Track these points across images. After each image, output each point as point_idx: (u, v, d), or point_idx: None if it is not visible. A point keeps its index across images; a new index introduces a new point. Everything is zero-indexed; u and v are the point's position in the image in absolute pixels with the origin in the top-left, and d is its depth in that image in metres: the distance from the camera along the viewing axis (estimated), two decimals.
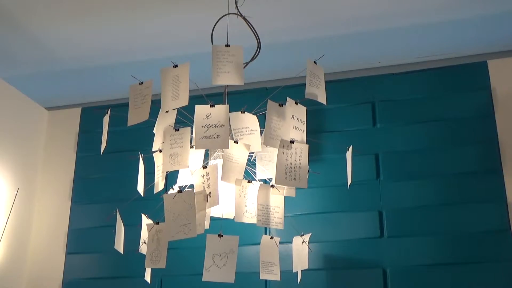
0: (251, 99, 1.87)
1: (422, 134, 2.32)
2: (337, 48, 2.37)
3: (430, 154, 2.29)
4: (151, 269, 1.71)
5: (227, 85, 1.72)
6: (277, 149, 1.62)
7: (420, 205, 2.24)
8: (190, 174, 1.66)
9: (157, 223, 1.66)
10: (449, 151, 2.28)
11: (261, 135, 1.74)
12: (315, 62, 1.72)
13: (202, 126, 1.58)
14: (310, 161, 1.67)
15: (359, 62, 2.48)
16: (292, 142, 1.63)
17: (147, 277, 1.74)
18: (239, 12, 1.82)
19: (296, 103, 1.70)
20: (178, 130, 1.66)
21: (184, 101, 1.61)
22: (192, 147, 1.67)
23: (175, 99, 1.62)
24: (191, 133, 1.67)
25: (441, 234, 2.18)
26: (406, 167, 2.30)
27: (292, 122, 1.68)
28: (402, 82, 2.42)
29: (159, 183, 1.69)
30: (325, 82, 1.74)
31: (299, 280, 1.77)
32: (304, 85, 1.68)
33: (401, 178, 2.29)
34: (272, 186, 1.70)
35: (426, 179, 2.26)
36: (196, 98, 1.70)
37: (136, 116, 1.66)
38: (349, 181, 1.74)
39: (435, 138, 2.31)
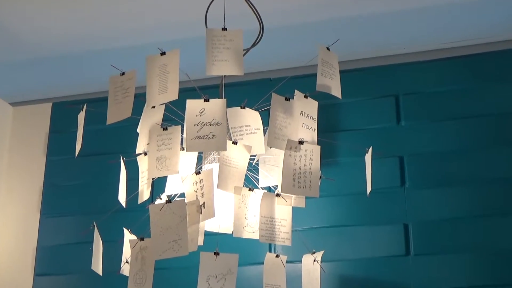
0: (253, 92, 1.88)
1: (455, 133, 2.33)
2: (354, 31, 2.38)
3: (465, 157, 2.29)
4: None
5: (224, 76, 1.73)
6: (283, 151, 1.63)
7: (453, 217, 2.24)
8: (181, 181, 1.67)
9: (142, 239, 1.67)
10: (488, 153, 2.28)
11: (264, 134, 1.75)
12: (328, 48, 1.73)
13: (195, 125, 1.59)
14: (322, 165, 1.68)
15: (380, 48, 2.48)
16: (301, 143, 1.64)
17: None
18: None
19: (305, 96, 1.71)
20: (166, 129, 1.67)
21: (173, 95, 1.61)
22: (182, 149, 1.68)
23: (163, 92, 1.63)
24: (182, 133, 1.68)
25: (478, 252, 2.19)
26: (437, 172, 2.30)
27: (301, 119, 1.69)
28: (431, 72, 2.43)
29: (144, 192, 1.71)
30: (340, 71, 1.75)
31: None
32: (315, 75, 1.69)
33: (431, 185, 2.30)
34: (277, 195, 1.71)
35: (460, 186, 2.27)
36: (188, 91, 1.71)
37: (116, 112, 1.67)
38: (369, 188, 1.75)
39: (471, 137, 2.32)
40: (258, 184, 1.85)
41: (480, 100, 2.34)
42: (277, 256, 1.76)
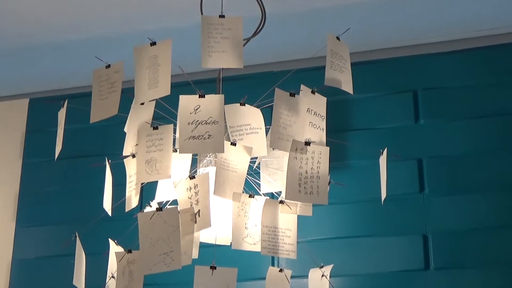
0: (254, 87, 1.88)
1: (481, 133, 2.33)
2: (367, 19, 2.37)
3: (492, 160, 2.29)
4: None
5: (222, 68, 1.73)
6: (287, 153, 1.63)
7: (478, 227, 2.24)
8: (173, 186, 1.67)
9: (130, 252, 1.67)
10: None
11: (266, 134, 1.75)
12: (338, 38, 1.73)
13: (189, 123, 1.59)
14: (331, 168, 1.68)
15: (397, 37, 2.48)
16: (307, 143, 1.64)
17: None
18: None
19: (313, 92, 1.71)
20: (157, 128, 1.67)
21: (164, 90, 1.62)
22: (175, 150, 1.69)
23: (153, 87, 1.63)
24: (174, 133, 1.68)
25: (506, 266, 2.18)
26: (460, 176, 2.30)
27: (308, 118, 1.69)
28: (455, 64, 2.42)
29: (132, 199, 1.71)
30: (351, 64, 1.75)
31: None
32: (323, 68, 1.69)
33: (453, 191, 2.30)
34: (281, 202, 1.71)
35: (486, 193, 2.26)
36: (181, 86, 1.71)
37: (101, 109, 1.67)
38: (383, 195, 1.75)
39: (499, 138, 2.31)
40: (260, 190, 1.85)
41: (510, 96, 2.34)
42: (280, 270, 1.75)
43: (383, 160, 1.76)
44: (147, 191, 1.86)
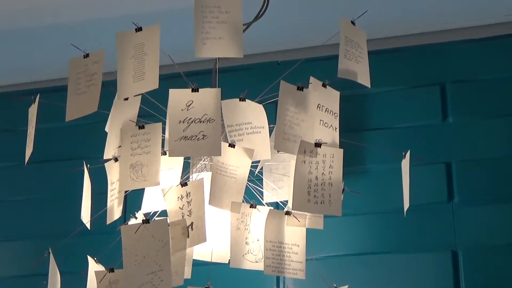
0: (255, 79, 1.90)
1: None
2: (387, 0, 2.37)
3: None
4: None
5: (219, 58, 1.73)
6: (295, 157, 1.63)
7: None
8: (162, 195, 1.67)
9: (112, 271, 1.66)
10: None
11: (270, 134, 1.75)
12: (353, 23, 1.73)
13: (180, 121, 1.59)
14: (345, 174, 1.69)
15: (421, 21, 2.47)
16: (318, 145, 1.64)
17: None
18: None
19: (324, 85, 1.71)
20: (143, 127, 1.68)
21: (152, 83, 1.62)
22: (164, 153, 1.69)
23: (139, 79, 1.63)
24: (163, 132, 1.69)
25: None
26: (494, 183, 2.30)
27: (318, 115, 1.69)
28: (489, 53, 2.42)
29: (114, 209, 1.70)
30: (369, 52, 1.75)
31: None
32: (335, 57, 1.69)
33: (486, 200, 2.29)
34: (287, 213, 1.71)
35: None
36: (171, 78, 1.71)
37: (78, 106, 1.67)
38: (406, 205, 1.75)
39: None
40: (262, 199, 1.85)
41: None
42: None
43: (405, 164, 1.76)
44: (132, 200, 1.86)
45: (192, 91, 1.60)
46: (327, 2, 2.37)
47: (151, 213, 1.78)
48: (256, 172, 1.83)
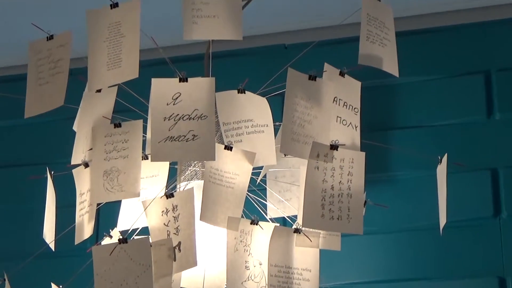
0: (258, 66, 1.89)
1: None
2: None
3: None
4: None
5: (212, 41, 1.74)
6: (305, 161, 1.63)
7: None
8: (143, 208, 1.67)
9: None
10: None
11: (276, 134, 1.75)
12: None
13: (166, 119, 1.60)
14: (368, 183, 1.69)
15: None
16: (334, 147, 1.64)
17: None
18: None
19: (342, 73, 1.72)
20: (119, 125, 1.68)
21: (130, 72, 1.62)
22: (146, 157, 1.70)
23: (115, 67, 1.64)
24: (145, 132, 1.70)
25: None
26: None
27: (335, 110, 1.70)
28: None
29: (85, 226, 1.70)
30: (396, 34, 1.76)
31: None
32: (356, 40, 1.69)
33: None
34: (297, 231, 1.71)
35: None
36: (154, 66, 1.75)
37: (40, 99, 1.68)
38: (443, 221, 1.75)
39: None
40: (266, 214, 1.86)
41: None
42: None
43: (441, 171, 1.77)
44: (106, 215, 1.88)
45: (179, 81, 1.61)
46: None
47: (129, 231, 1.76)
48: (258, 181, 1.85)
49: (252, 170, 1.70)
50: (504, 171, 2.34)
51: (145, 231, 1.72)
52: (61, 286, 1.78)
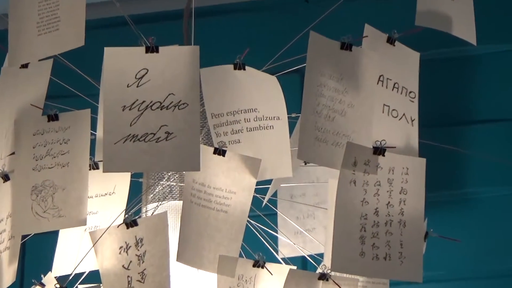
0: (264, 29, 1.87)
1: None
2: None
3: None
4: None
5: None
6: (336, 173, 1.62)
7: None
8: (91, 243, 1.65)
9: None
10: None
11: (291, 132, 1.75)
12: None
13: (125, 108, 1.59)
14: (429, 204, 1.67)
15: None
16: (380, 151, 1.63)
17: None
18: None
19: (390, 40, 1.71)
20: (56, 117, 1.67)
21: (73, 38, 1.63)
22: (95, 166, 1.70)
23: (49, 30, 1.65)
24: (94, 129, 1.69)
25: None
26: None
27: (381, 96, 1.69)
28: None
29: (3, 270, 1.69)
30: None
31: None
32: None
33: None
34: (323, 277, 1.68)
35: None
36: (108, 28, 1.76)
37: None
38: None
39: None
40: (277, 252, 1.86)
41: None
42: None
43: None
44: (35, 252, 1.88)
45: (146, 51, 1.60)
46: None
47: (70, 277, 1.76)
48: (265, 201, 1.83)
49: (256, 185, 1.68)
50: None
51: (94, 276, 1.71)
52: None
